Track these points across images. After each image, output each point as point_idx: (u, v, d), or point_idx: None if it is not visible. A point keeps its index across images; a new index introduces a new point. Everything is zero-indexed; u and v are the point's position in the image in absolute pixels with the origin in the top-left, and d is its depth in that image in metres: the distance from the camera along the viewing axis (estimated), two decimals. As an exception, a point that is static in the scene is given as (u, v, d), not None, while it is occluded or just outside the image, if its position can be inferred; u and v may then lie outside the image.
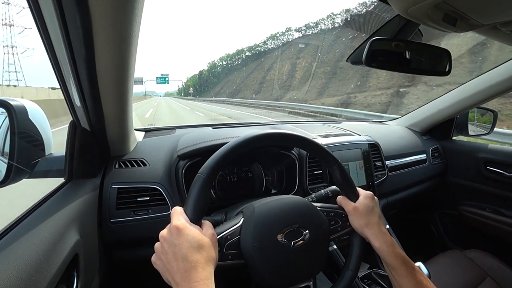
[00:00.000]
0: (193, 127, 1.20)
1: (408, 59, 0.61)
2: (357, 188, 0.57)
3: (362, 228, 0.52)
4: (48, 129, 0.61)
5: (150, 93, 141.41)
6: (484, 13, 0.43)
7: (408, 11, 0.42)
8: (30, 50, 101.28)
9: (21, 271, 0.39)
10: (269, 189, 0.96)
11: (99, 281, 0.67)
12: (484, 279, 0.90)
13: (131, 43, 0.46)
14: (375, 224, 0.52)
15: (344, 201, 0.55)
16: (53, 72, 0.54)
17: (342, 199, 0.55)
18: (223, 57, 71.65)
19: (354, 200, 0.55)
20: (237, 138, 0.48)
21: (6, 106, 0.54)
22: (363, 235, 0.52)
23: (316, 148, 0.54)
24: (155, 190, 0.75)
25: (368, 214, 0.53)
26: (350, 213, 0.53)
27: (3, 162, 0.54)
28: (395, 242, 0.51)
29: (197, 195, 0.43)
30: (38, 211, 0.53)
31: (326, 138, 1.04)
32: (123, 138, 0.76)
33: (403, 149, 1.29)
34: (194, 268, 0.37)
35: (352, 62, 0.66)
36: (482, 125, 1.41)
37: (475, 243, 1.26)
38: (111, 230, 0.71)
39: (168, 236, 0.40)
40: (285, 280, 0.47)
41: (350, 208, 0.53)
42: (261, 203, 0.50)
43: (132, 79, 0.57)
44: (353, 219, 0.53)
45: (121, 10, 0.39)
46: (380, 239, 0.50)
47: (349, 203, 0.54)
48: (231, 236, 0.46)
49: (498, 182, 1.24)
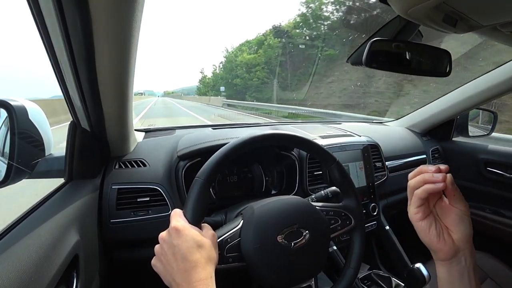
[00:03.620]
0: (193, 127, 1.20)
1: (408, 60, 0.61)
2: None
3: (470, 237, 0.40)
4: (48, 129, 0.61)
5: (143, 93, 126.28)
6: (484, 14, 0.43)
7: (408, 12, 0.42)
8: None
9: (21, 271, 0.38)
10: (269, 190, 0.96)
11: (99, 282, 0.67)
12: (484, 280, 0.90)
13: (131, 43, 0.46)
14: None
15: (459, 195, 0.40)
16: (53, 72, 0.54)
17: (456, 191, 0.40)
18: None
19: (353, 198, 0.55)
20: (234, 140, 0.48)
21: (6, 106, 0.54)
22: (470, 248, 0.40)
23: (313, 147, 0.54)
24: (155, 191, 0.75)
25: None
26: (462, 219, 0.40)
27: (3, 163, 0.54)
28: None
29: (195, 198, 0.43)
30: (38, 212, 0.53)
31: (326, 139, 1.04)
32: (123, 138, 0.76)
33: (403, 150, 1.29)
34: (194, 268, 0.37)
35: (352, 63, 0.66)
36: (482, 126, 1.41)
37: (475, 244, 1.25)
38: (111, 231, 0.71)
39: (168, 238, 0.40)
40: (287, 280, 0.47)
41: (460, 214, 0.40)
42: (260, 205, 0.50)
43: (132, 79, 0.57)
44: (466, 224, 0.40)
45: (121, 10, 0.39)
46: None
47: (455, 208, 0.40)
48: (231, 239, 0.46)
49: (499, 183, 1.24)
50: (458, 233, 0.39)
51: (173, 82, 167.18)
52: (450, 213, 0.40)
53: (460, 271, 0.39)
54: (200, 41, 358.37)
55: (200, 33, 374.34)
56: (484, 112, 1.41)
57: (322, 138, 1.05)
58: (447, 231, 0.40)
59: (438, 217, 0.41)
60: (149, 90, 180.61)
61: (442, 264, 0.40)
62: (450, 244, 0.39)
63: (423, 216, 0.41)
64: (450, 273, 0.40)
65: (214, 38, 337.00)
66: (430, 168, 0.40)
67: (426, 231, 0.40)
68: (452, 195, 0.39)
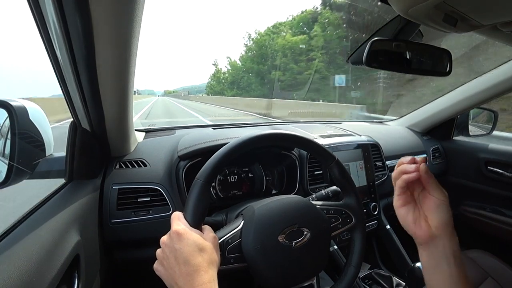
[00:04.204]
0: (194, 127, 1.20)
1: (409, 59, 0.61)
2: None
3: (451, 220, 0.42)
4: (48, 130, 0.61)
5: (141, 92, 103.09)
6: (484, 13, 0.43)
7: (408, 11, 0.42)
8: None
9: (22, 272, 0.39)
10: (270, 190, 0.96)
11: (100, 282, 0.67)
12: (485, 279, 0.90)
13: (131, 43, 0.46)
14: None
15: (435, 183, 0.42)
16: (53, 72, 0.54)
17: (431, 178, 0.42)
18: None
19: (353, 197, 0.55)
20: (234, 140, 0.48)
21: (7, 107, 0.53)
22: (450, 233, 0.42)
23: (313, 146, 0.54)
24: (156, 191, 0.75)
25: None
26: (439, 207, 0.41)
27: (4, 163, 0.54)
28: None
29: (195, 200, 0.43)
30: (39, 212, 0.53)
31: (327, 139, 1.04)
32: (124, 138, 0.76)
33: (403, 149, 1.29)
34: (197, 272, 0.37)
35: (352, 62, 0.66)
36: (483, 125, 1.41)
37: (476, 243, 1.26)
38: (112, 231, 0.71)
39: (169, 242, 0.40)
40: (288, 280, 0.48)
41: (438, 202, 0.41)
42: (260, 205, 0.50)
43: (133, 80, 0.57)
44: (440, 214, 0.41)
45: (121, 10, 0.39)
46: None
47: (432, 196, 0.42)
48: (232, 239, 0.46)
49: (499, 182, 1.24)
50: (434, 220, 0.41)
51: (173, 81, 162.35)
52: (428, 201, 0.42)
53: (438, 255, 0.41)
54: (206, 33, 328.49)
55: (206, 22, 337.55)
56: (484, 111, 1.41)
57: (322, 138, 1.05)
58: (424, 218, 0.43)
59: (420, 205, 0.44)
60: (149, 90, 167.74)
61: (421, 248, 0.44)
62: (426, 230, 0.42)
63: (403, 203, 0.45)
64: (429, 257, 0.43)
65: (224, 28, 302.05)
66: (406, 159, 0.44)
67: (404, 216, 0.45)
68: (427, 183, 0.42)
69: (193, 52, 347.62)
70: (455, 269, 0.40)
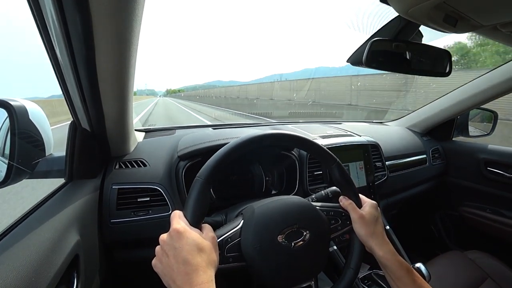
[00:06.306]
0: (194, 127, 1.20)
1: (409, 59, 0.61)
2: (361, 196, 0.57)
3: (367, 237, 0.52)
4: (48, 129, 0.61)
5: (141, 92, 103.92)
6: (484, 14, 0.43)
7: (408, 12, 0.42)
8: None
9: (21, 271, 0.39)
10: (269, 190, 0.96)
11: (99, 282, 0.67)
12: (484, 280, 0.90)
13: (131, 43, 0.46)
14: (379, 234, 0.52)
15: (351, 206, 0.54)
16: (53, 72, 0.54)
17: (349, 204, 0.54)
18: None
19: (354, 199, 0.55)
20: (234, 140, 0.48)
21: (7, 106, 0.54)
22: (367, 244, 0.52)
23: (314, 147, 0.54)
24: (156, 191, 0.75)
25: (374, 224, 0.53)
26: (356, 221, 0.53)
27: (4, 163, 0.54)
28: (396, 251, 0.52)
29: (195, 199, 0.43)
30: (39, 212, 0.53)
31: (327, 139, 1.04)
32: (124, 138, 0.76)
33: (403, 149, 1.29)
34: (195, 271, 0.37)
35: (352, 63, 0.66)
36: (483, 126, 1.41)
37: (475, 244, 1.26)
38: (111, 231, 0.71)
39: (169, 240, 0.40)
40: (287, 280, 0.47)
41: (356, 216, 0.53)
42: (260, 204, 0.50)
43: (133, 79, 0.57)
44: (359, 227, 0.53)
45: (121, 9, 0.39)
46: (384, 248, 0.51)
47: (356, 210, 0.54)
48: (231, 238, 0.46)
49: (499, 183, 1.24)
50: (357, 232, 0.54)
51: (174, 80, 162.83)
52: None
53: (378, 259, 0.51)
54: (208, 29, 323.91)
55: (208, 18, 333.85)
56: (484, 112, 1.41)
57: (322, 138, 1.05)
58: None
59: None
60: (150, 89, 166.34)
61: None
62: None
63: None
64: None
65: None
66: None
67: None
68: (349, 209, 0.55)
69: (196, 51, 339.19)
70: (390, 277, 0.50)
